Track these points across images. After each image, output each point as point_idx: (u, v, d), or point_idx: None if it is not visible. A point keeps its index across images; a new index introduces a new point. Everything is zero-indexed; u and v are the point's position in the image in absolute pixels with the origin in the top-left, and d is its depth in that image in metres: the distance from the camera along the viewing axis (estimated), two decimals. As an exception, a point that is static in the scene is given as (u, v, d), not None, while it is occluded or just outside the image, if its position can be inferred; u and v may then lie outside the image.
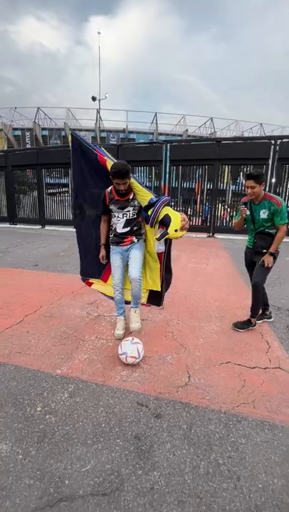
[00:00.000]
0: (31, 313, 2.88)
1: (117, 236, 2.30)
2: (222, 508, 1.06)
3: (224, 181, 9.99)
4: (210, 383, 1.82)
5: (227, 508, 1.06)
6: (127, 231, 2.26)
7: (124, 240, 2.28)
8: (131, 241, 2.29)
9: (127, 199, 2.19)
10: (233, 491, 1.13)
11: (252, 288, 2.55)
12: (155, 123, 29.66)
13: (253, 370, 1.98)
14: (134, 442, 1.35)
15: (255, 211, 2.42)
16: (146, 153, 9.88)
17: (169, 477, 1.18)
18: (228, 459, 1.27)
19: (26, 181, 12.30)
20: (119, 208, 2.21)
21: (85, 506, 1.06)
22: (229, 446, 1.34)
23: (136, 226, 2.28)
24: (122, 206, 2.20)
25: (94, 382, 1.80)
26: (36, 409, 1.56)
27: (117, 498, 1.09)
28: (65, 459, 1.26)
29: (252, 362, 2.08)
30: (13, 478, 1.16)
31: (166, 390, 1.74)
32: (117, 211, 2.22)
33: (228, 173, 9.94)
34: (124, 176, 2.01)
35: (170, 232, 1.97)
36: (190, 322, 2.78)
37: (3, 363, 2.01)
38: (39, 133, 28.43)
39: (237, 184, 10.24)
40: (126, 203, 2.19)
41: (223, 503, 1.08)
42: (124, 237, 2.28)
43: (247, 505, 1.07)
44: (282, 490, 1.13)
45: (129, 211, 2.22)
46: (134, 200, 2.19)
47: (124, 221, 2.24)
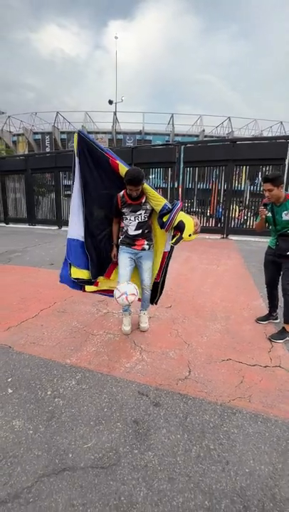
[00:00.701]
0: (46, 309, 3.08)
1: (128, 238, 2.36)
2: (209, 487, 1.15)
3: (241, 182, 9.89)
4: (209, 378, 1.90)
5: (213, 487, 1.15)
6: (138, 233, 2.32)
7: (136, 243, 2.34)
8: (142, 247, 2.34)
9: (140, 203, 2.24)
10: (220, 473, 1.22)
11: (283, 293, 2.47)
12: (171, 124, 29.70)
13: (253, 367, 2.04)
14: (133, 426, 1.47)
15: (277, 213, 2.38)
16: (160, 155, 9.99)
17: (162, 457, 1.29)
18: (219, 445, 1.36)
19: (45, 184, 12.81)
20: (131, 211, 2.27)
21: (85, 476, 1.19)
22: (221, 435, 1.42)
23: (147, 229, 2.35)
24: (134, 209, 2.26)
25: (99, 372, 1.94)
26: (47, 393, 1.72)
27: (114, 472, 1.21)
28: (70, 436, 1.40)
29: (253, 360, 2.13)
30: (24, 449, 1.32)
31: (167, 382, 1.84)
32: (129, 214, 2.29)
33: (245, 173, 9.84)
34: (138, 184, 2.09)
35: (184, 236, 2.09)
36: (195, 321, 2.85)
37: (19, 351, 2.20)
38: (58, 136, 29.36)
39: (255, 184, 10.09)
40: (138, 206, 2.25)
41: (210, 482, 1.17)
42: (135, 240, 2.34)
43: (233, 486, 1.16)
44: (268, 475, 1.21)
45: (141, 214, 2.28)
46: (146, 204, 2.25)
47: (136, 224, 2.30)
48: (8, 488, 1.13)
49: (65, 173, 11.96)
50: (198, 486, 1.16)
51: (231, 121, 29.77)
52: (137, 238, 2.34)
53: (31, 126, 30.49)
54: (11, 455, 1.29)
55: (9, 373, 1.92)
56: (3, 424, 1.47)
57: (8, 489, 1.13)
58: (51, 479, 1.17)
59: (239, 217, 9.92)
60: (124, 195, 2.26)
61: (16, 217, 13.16)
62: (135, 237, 2.34)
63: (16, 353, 2.17)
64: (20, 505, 1.07)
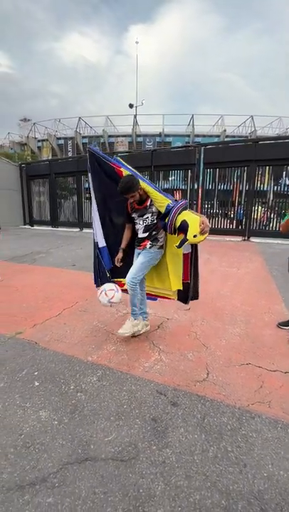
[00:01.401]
0: (68, 308, 3.23)
1: (138, 240, 2.44)
2: (226, 487, 1.17)
3: (264, 182, 9.60)
4: (227, 381, 1.90)
5: (230, 487, 1.17)
6: (145, 236, 2.37)
7: (141, 244, 2.40)
8: (144, 246, 2.37)
9: (145, 206, 2.30)
10: (238, 475, 1.23)
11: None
12: (192, 125, 29.49)
13: (274, 373, 2.01)
14: (151, 423, 1.52)
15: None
16: (179, 157, 9.99)
17: (180, 455, 1.32)
18: (236, 448, 1.37)
19: (67, 187, 13.29)
20: (139, 216, 2.35)
21: (106, 467, 1.26)
22: (239, 438, 1.43)
23: (154, 231, 2.36)
24: (141, 214, 2.33)
25: (119, 370, 2.01)
26: (70, 387, 1.82)
27: (133, 465, 1.27)
28: (92, 429, 1.48)
29: (273, 365, 2.09)
30: (50, 438, 1.41)
31: (185, 383, 1.87)
32: (138, 219, 2.37)
33: (268, 173, 9.55)
34: (127, 192, 2.16)
35: (189, 238, 1.99)
36: (214, 324, 2.84)
37: (44, 347, 2.33)
38: (80, 141, 30.26)
39: (279, 185, 9.75)
40: (144, 210, 2.31)
41: (227, 483, 1.19)
42: (141, 242, 2.40)
43: (250, 488, 1.17)
44: (287, 480, 1.20)
45: (147, 217, 2.33)
46: (152, 207, 2.29)
47: (144, 227, 2.36)
48: (36, 472, 1.23)
49: (86, 177, 12.32)
50: (215, 486, 1.18)
51: (254, 119, 28.97)
52: (143, 240, 2.39)
53: (55, 132, 31.73)
54: (38, 442, 1.39)
55: (36, 367, 2.04)
56: (31, 413, 1.58)
57: (36, 473, 1.22)
58: (74, 467, 1.25)
59: (262, 218, 9.64)
60: (133, 202, 2.33)
61: (40, 220, 13.76)
62: (142, 239, 2.39)
63: (41, 349, 2.31)
64: (47, 488, 1.16)
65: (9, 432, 1.46)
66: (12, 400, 1.70)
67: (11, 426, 1.49)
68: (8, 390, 1.79)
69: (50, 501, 1.11)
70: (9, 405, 1.65)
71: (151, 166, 10.06)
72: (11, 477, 1.21)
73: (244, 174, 9.36)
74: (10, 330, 2.65)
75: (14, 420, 1.53)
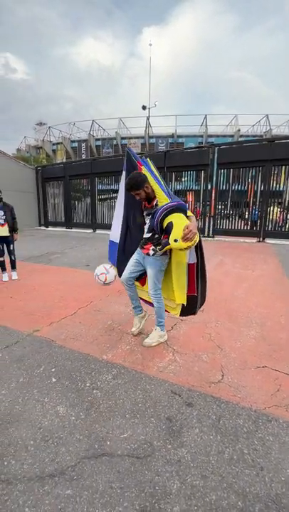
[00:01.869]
0: (83, 307, 3.29)
1: (143, 239, 2.35)
2: (242, 489, 1.16)
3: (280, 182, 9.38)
4: (243, 383, 1.88)
5: (247, 490, 1.16)
6: (148, 237, 2.27)
7: (144, 247, 2.30)
8: (147, 252, 2.25)
9: (152, 206, 2.23)
10: (255, 478, 1.21)
11: None
12: (205, 125, 29.26)
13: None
14: (166, 422, 1.53)
15: None
16: (193, 158, 9.95)
17: (195, 455, 1.33)
18: (253, 450, 1.35)
19: (81, 189, 13.54)
20: (147, 215, 2.30)
21: (122, 463, 1.28)
22: (256, 441, 1.41)
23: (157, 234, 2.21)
24: (148, 213, 2.28)
25: (134, 369, 2.04)
26: (86, 384, 1.86)
27: (149, 462, 1.28)
28: (108, 425, 1.50)
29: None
30: (68, 432, 1.46)
31: (199, 384, 1.87)
32: (146, 218, 2.32)
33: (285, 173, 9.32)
34: (131, 189, 2.13)
35: (170, 242, 1.84)
36: (229, 325, 2.82)
37: (60, 345, 2.39)
38: (93, 143, 30.73)
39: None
40: (151, 209, 2.24)
41: (244, 485, 1.18)
42: (145, 243, 2.30)
43: (267, 491, 1.15)
44: (306, 487, 1.17)
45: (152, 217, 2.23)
46: (158, 207, 2.18)
47: (148, 226, 2.27)
48: (55, 464, 1.27)
49: (100, 179, 12.51)
50: (231, 487, 1.17)
51: (269, 118, 28.36)
52: (147, 242, 2.29)
53: (69, 135, 32.39)
54: (56, 436, 1.43)
55: (53, 364, 2.10)
56: (49, 408, 1.63)
57: (55, 465, 1.27)
58: (92, 462, 1.29)
59: (278, 219, 9.41)
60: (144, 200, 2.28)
61: (55, 221, 14.08)
62: (146, 240, 2.30)
63: (58, 347, 2.37)
64: (66, 480, 1.19)
65: (29, 425, 1.51)
66: (31, 394, 1.76)
67: (31, 419, 1.55)
68: (27, 385, 1.86)
69: (69, 493, 1.14)
70: (28, 400, 1.71)
71: (164, 167, 10.08)
72: (31, 468, 1.25)
73: (259, 174, 9.19)
74: (28, 327, 2.74)
75: (33, 414, 1.59)
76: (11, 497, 1.13)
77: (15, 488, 1.16)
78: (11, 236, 4.53)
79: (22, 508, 1.09)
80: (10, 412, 1.60)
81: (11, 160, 13.21)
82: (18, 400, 1.70)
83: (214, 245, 8.16)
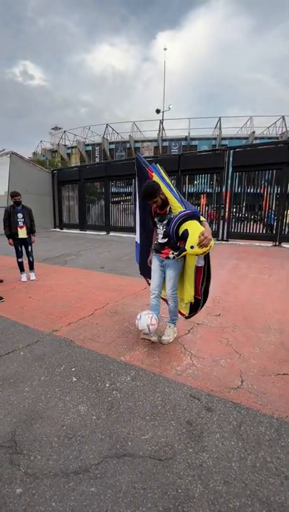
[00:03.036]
0: (100, 308, 3.34)
1: (158, 244, 2.44)
2: (266, 497, 1.15)
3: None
4: (263, 390, 1.85)
5: (272, 498, 1.15)
6: (164, 242, 2.36)
7: (162, 251, 2.39)
8: (167, 255, 2.36)
9: (165, 212, 2.31)
10: (279, 487, 1.20)
11: None
12: (218, 128, 29.05)
13: (314, 385, 1.91)
14: (186, 426, 1.53)
15: None
16: (207, 161, 9.90)
17: (217, 461, 1.32)
18: (276, 459, 1.33)
19: (95, 192, 13.75)
20: (159, 221, 2.37)
21: (144, 464, 1.29)
22: (279, 449, 1.39)
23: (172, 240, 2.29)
24: (161, 219, 2.35)
25: (152, 371, 2.05)
26: (105, 385, 1.89)
27: (171, 465, 1.29)
28: (128, 426, 1.52)
29: (313, 377, 2.00)
30: (90, 431, 1.49)
31: (218, 389, 1.85)
32: (158, 223, 2.39)
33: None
34: (149, 197, 2.20)
35: (187, 248, 1.96)
36: (246, 331, 2.78)
37: (79, 345, 2.45)
38: (107, 147, 31.16)
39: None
40: (164, 216, 2.32)
41: (268, 493, 1.17)
42: (162, 248, 2.39)
43: (293, 501, 1.13)
44: None
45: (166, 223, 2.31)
46: (171, 213, 2.28)
47: (163, 232, 2.35)
48: (78, 462, 1.30)
49: (113, 182, 12.66)
50: (255, 495, 1.16)
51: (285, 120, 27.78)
52: (164, 247, 2.37)
53: (84, 139, 33.02)
54: (79, 434, 1.47)
55: (72, 364, 2.15)
56: (71, 407, 1.67)
57: (79, 463, 1.30)
58: (114, 461, 1.31)
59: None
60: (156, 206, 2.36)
61: (69, 223, 14.35)
62: (162, 245, 2.38)
63: (76, 347, 2.42)
64: (90, 478, 1.22)
65: (52, 422, 1.55)
66: (53, 392, 1.81)
67: (54, 417, 1.59)
68: (48, 383, 1.91)
69: (93, 490, 1.17)
70: (51, 398, 1.76)
71: (178, 171, 10.08)
72: (56, 464, 1.29)
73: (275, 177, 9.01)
74: (47, 327, 2.81)
75: (56, 412, 1.63)
76: (38, 491, 1.16)
77: (42, 482, 1.20)
78: (29, 238, 4.67)
79: (49, 502, 1.12)
80: (33, 409, 1.65)
81: (29, 164, 13.63)
82: (41, 398, 1.76)
83: (229, 249, 8.06)
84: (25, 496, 1.14)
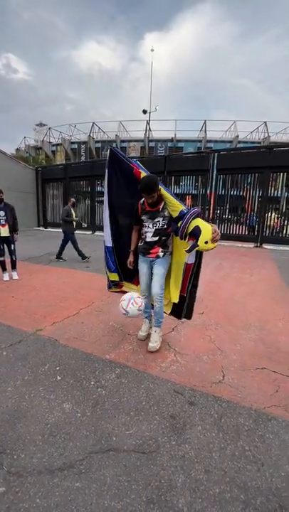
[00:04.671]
0: (85, 308, 3.33)
1: (146, 244, 2.36)
2: (244, 483, 1.21)
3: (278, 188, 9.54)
4: (243, 384, 1.94)
5: (249, 484, 1.21)
6: (155, 240, 2.32)
7: (151, 251, 2.34)
8: (157, 254, 2.33)
9: (157, 209, 2.26)
10: (256, 473, 1.27)
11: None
12: (204, 130, 29.59)
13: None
14: (170, 420, 1.58)
15: None
16: (192, 163, 10.08)
17: (199, 451, 1.38)
18: (254, 447, 1.41)
19: (80, 191, 13.59)
20: (149, 218, 2.30)
21: (129, 457, 1.32)
22: (256, 438, 1.47)
23: (164, 236, 2.32)
24: (152, 216, 2.28)
25: (137, 369, 2.08)
26: (90, 382, 1.90)
27: (154, 457, 1.33)
28: (113, 422, 1.55)
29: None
30: (74, 428, 1.49)
31: (201, 384, 1.92)
32: (147, 221, 2.31)
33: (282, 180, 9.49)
34: (151, 191, 2.13)
35: (200, 244, 2.00)
36: (228, 328, 2.88)
37: (64, 344, 2.43)
38: (93, 146, 30.84)
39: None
40: (156, 213, 2.26)
41: (246, 479, 1.23)
42: (151, 247, 2.34)
43: (268, 485, 1.21)
44: (305, 481, 1.23)
45: (158, 221, 2.28)
46: (164, 211, 2.25)
47: (154, 231, 2.30)
48: (63, 459, 1.31)
49: (99, 181, 12.58)
50: (233, 481, 1.22)
51: (267, 125, 28.79)
52: (153, 246, 2.34)
53: (69, 137, 32.50)
54: (63, 432, 1.47)
55: (57, 363, 2.14)
56: (55, 405, 1.67)
57: (64, 459, 1.30)
58: (99, 456, 1.33)
59: (276, 225, 9.57)
60: (145, 203, 2.31)
61: (54, 222, 14.08)
62: (152, 244, 2.34)
63: (61, 346, 2.41)
64: (75, 474, 1.23)
65: (36, 421, 1.55)
66: (37, 391, 1.80)
67: (38, 416, 1.59)
68: (32, 382, 1.89)
69: (78, 485, 1.18)
70: (34, 397, 1.75)
71: (164, 172, 10.19)
72: (41, 462, 1.29)
73: (257, 180, 9.34)
74: (31, 327, 2.77)
75: (40, 410, 1.63)
76: (22, 489, 1.16)
77: (25, 480, 1.20)
78: (11, 236, 4.56)
79: (33, 499, 1.12)
80: (17, 409, 1.64)
81: (12, 160, 13.23)
82: (25, 397, 1.74)
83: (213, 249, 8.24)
84: (9, 494, 1.14)
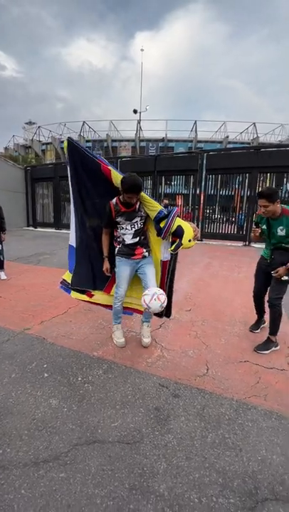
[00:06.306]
0: (74, 307, 3.34)
1: (126, 247, 2.24)
2: (222, 468, 1.28)
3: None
4: (226, 376, 2.01)
5: (227, 468, 1.28)
6: (135, 242, 2.23)
7: (136, 253, 2.24)
8: (142, 255, 2.26)
9: (134, 209, 2.15)
10: (234, 458, 1.33)
11: (269, 305, 2.42)
12: (194, 130, 29.86)
13: (270, 370, 2.11)
14: (154, 412, 1.63)
15: (273, 226, 2.31)
16: (182, 163, 10.17)
17: (181, 440, 1.43)
18: (233, 435, 1.48)
19: (71, 190, 13.49)
20: (126, 220, 2.17)
21: (113, 448, 1.37)
22: (236, 426, 1.54)
23: (143, 236, 2.26)
24: (129, 217, 2.17)
25: (123, 364, 2.13)
26: (77, 379, 1.93)
27: (138, 447, 1.38)
28: (99, 415, 1.59)
29: (270, 363, 2.20)
30: (61, 423, 1.53)
31: (186, 378, 1.98)
32: (124, 223, 2.18)
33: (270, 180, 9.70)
34: (139, 191, 2.02)
35: (184, 242, 2.05)
36: (214, 324, 2.96)
37: (52, 343, 2.45)
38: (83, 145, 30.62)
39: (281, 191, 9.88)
40: (134, 213, 2.16)
41: (224, 464, 1.30)
42: (134, 249, 2.24)
43: (245, 469, 1.27)
44: (279, 464, 1.31)
45: (137, 222, 2.19)
46: (141, 210, 2.17)
47: (133, 232, 2.20)
48: (48, 451, 1.34)
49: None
50: (213, 466, 1.29)
51: (256, 126, 29.32)
52: (135, 247, 2.24)
53: (59, 136, 32.15)
54: (49, 426, 1.50)
55: (44, 360, 2.16)
56: (42, 401, 1.70)
57: (49, 452, 1.34)
58: (84, 448, 1.37)
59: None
60: (118, 203, 2.16)
61: (43, 222, 13.93)
62: (133, 245, 2.24)
63: (49, 344, 2.42)
64: (60, 465, 1.27)
65: (22, 416, 1.57)
66: (24, 388, 1.81)
67: (24, 411, 1.61)
68: (19, 380, 1.91)
69: (62, 476, 1.22)
70: (21, 393, 1.77)
71: (155, 171, 10.25)
72: (26, 455, 1.32)
73: (246, 180, 9.52)
74: (18, 326, 2.77)
75: (26, 407, 1.65)
76: (7, 481, 1.19)
77: (11, 473, 1.23)
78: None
79: (18, 490, 1.15)
80: (3, 405, 1.65)
81: (0, 159, 13.01)
82: (11, 394, 1.75)
83: (202, 248, 8.36)
84: (-6, 487, 1.16)
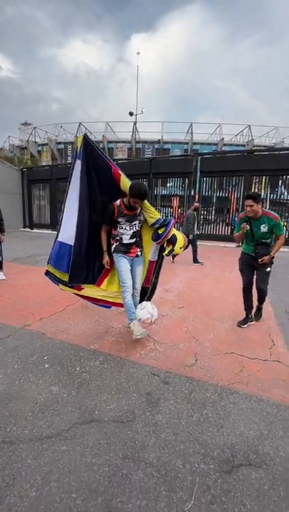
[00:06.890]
0: (71, 305, 3.50)
1: (123, 246, 2.48)
2: (205, 441, 1.45)
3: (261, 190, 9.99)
4: (213, 366, 2.19)
5: (209, 441, 1.46)
6: (132, 242, 2.49)
7: (131, 251, 2.51)
8: (136, 254, 2.53)
9: (135, 213, 2.41)
10: (216, 433, 1.51)
11: (258, 291, 2.98)
12: (190, 133, 30.20)
13: (254, 360, 2.30)
14: (146, 396, 1.80)
15: (255, 226, 2.71)
16: (177, 166, 10.40)
17: (169, 419, 1.61)
18: (216, 414, 1.65)
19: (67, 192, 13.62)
20: (127, 221, 2.41)
21: (109, 426, 1.54)
22: (219, 408, 1.72)
23: (138, 237, 2.54)
24: (130, 220, 2.41)
25: (118, 356, 2.29)
26: (76, 369, 2.10)
27: (130, 425, 1.55)
28: (96, 400, 1.75)
29: (254, 354, 2.39)
30: (61, 406, 1.69)
31: (176, 367, 2.16)
32: (125, 223, 2.42)
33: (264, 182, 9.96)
34: (144, 198, 2.29)
35: (176, 249, 2.45)
36: (205, 320, 3.14)
37: (51, 337, 2.61)
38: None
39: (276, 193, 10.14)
40: (134, 216, 2.41)
41: (206, 438, 1.47)
42: (130, 248, 2.50)
43: (224, 442, 1.45)
44: (255, 437, 1.49)
45: (135, 224, 2.45)
46: (141, 215, 2.46)
47: (131, 233, 2.46)
48: (51, 429, 1.50)
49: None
50: (196, 440, 1.46)
51: (251, 129, 29.77)
52: (132, 246, 2.50)
53: (55, 137, 32.25)
54: (51, 409, 1.66)
55: (45, 353, 2.32)
56: (43, 388, 1.86)
57: (52, 430, 1.50)
58: (83, 426, 1.53)
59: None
60: (121, 205, 2.36)
61: (40, 223, 14.04)
62: (130, 245, 2.50)
63: (48, 338, 2.58)
64: (61, 440, 1.43)
65: (26, 401, 1.73)
66: (26, 377, 1.97)
67: (28, 397, 1.76)
68: (22, 370, 2.06)
69: (64, 448, 1.38)
70: (24, 382, 1.92)
71: (150, 174, 10.45)
72: (31, 432, 1.48)
73: (240, 183, 9.77)
74: (19, 322, 2.92)
75: (29, 393, 1.81)
76: (15, 453, 1.35)
77: (18, 447, 1.39)
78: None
79: (25, 460, 1.31)
80: (8, 392, 1.81)
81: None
82: (15, 383, 1.91)
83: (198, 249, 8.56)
84: (4, 458, 1.32)
